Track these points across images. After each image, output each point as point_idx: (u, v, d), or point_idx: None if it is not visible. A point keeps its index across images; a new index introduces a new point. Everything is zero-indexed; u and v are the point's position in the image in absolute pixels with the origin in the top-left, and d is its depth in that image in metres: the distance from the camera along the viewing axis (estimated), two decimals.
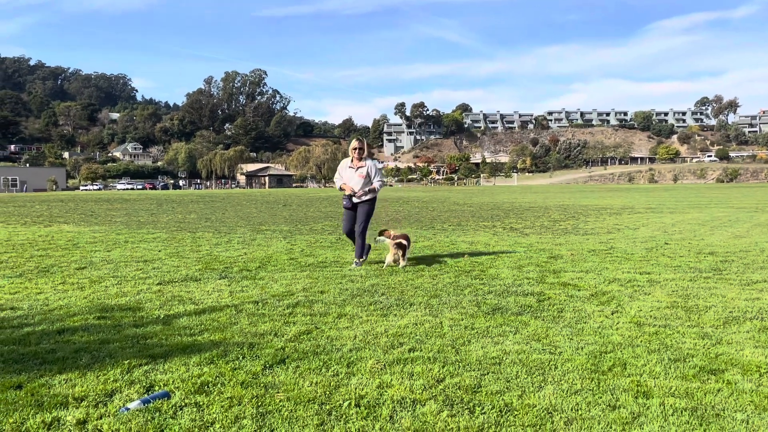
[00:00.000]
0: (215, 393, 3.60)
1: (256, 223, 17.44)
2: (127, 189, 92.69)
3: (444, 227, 16.08)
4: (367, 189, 8.72)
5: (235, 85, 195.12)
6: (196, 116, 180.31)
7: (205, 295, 6.50)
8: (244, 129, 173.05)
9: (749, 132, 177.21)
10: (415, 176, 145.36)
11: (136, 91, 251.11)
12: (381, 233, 9.00)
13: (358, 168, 8.73)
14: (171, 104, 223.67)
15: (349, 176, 8.76)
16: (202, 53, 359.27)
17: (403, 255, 8.50)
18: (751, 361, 4.21)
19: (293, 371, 4.00)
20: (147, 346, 4.56)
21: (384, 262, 8.59)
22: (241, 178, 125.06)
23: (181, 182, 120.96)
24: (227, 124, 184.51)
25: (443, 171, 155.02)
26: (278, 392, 3.61)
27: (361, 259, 8.70)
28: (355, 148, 8.79)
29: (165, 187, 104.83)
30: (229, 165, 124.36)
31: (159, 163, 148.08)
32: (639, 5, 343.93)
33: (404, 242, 8.51)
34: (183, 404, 3.43)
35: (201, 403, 3.45)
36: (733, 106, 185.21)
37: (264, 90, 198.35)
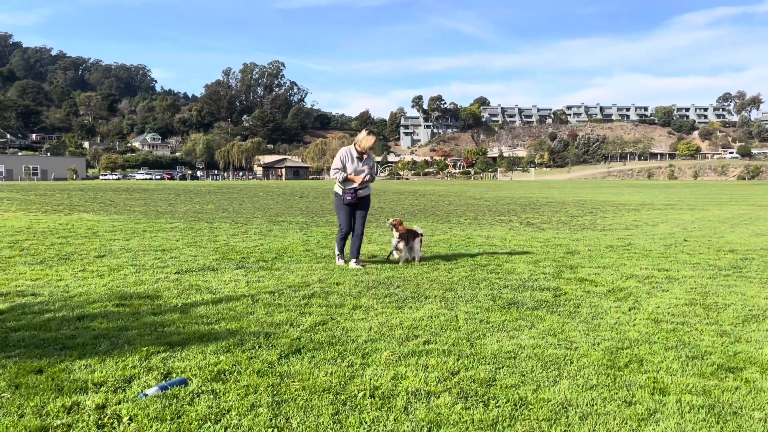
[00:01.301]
0: (232, 381, 3.64)
1: (272, 215, 17.53)
2: (146, 179, 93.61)
3: (460, 221, 16.04)
4: (368, 183, 8.16)
5: (254, 76, 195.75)
6: (215, 107, 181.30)
7: (222, 285, 6.55)
8: (262, 121, 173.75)
9: None
10: (431, 170, 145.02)
11: (156, 81, 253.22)
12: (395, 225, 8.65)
13: (365, 159, 8.11)
14: (190, 95, 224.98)
15: (356, 168, 8.05)
16: (221, 45, 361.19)
17: (402, 249, 8.20)
18: None
19: (308, 361, 4.02)
20: (165, 333, 4.62)
21: (397, 257, 8.39)
22: (258, 170, 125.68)
23: (198, 173, 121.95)
24: (245, 116, 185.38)
25: (460, 165, 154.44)
26: (294, 382, 3.64)
27: (358, 259, 8.15)
28: (370, 147, 8.11)
29: (183, 177, 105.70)
30: (246, 156, 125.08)
31: (177, 154, 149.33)
32: None
33: (407, 235, 8.22)
34: (200, 391, 3.48)
35: (218, 391, 3.48)
36: (756, 102, 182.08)
37: (282, 82, 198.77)
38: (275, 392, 3.47)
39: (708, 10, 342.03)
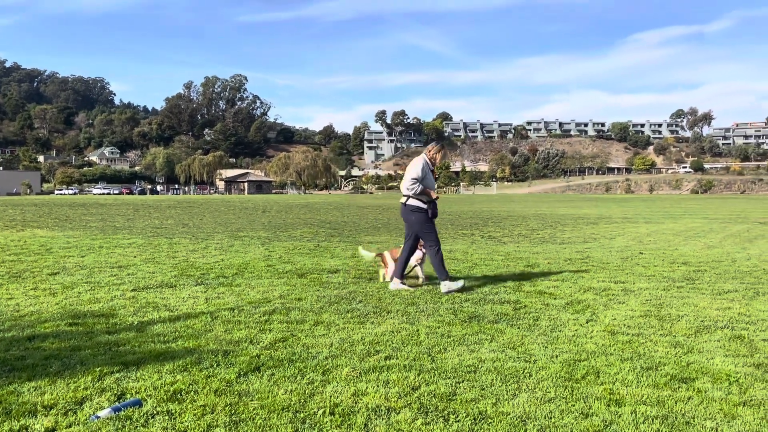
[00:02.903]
0: (188, 401, 3.56)
1: (234, 230, 17.32)
2: (103, 194, 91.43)
3: None
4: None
5: (215, 90, 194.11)
6: (175, 121, 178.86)
7: (180, 302, 6.43)
8: (224, 134, 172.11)
9: (723, 144, 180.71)
10: (395, 183, 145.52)
11: (114, 94, 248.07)
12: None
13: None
14: (150, 108, 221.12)
15: (433, 182, 7.49)
16: (182, 58, 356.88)
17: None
18: (722, 370, 4.28)
19: (268, 379, 3.97)
20: (119, 353, 4.50)
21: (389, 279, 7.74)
22: (220, 184, 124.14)
23: (158, 187, 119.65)
24: (206, 130, 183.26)
25: None
26: (252, 400, 3.58)
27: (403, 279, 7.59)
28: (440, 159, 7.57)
29: (142, 192, 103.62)
30: (207, 171, 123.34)
31: (136, 168, 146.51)
32: (618, 18, 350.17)
33: (386, 254, 8.03)
34: (155, 412, 3.39)
35: (173, 411, 3.40)
36: (707, 118, 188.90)
37: (244, 96, 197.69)
38: (233, 411, 3.41)
39: (662, 29, 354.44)
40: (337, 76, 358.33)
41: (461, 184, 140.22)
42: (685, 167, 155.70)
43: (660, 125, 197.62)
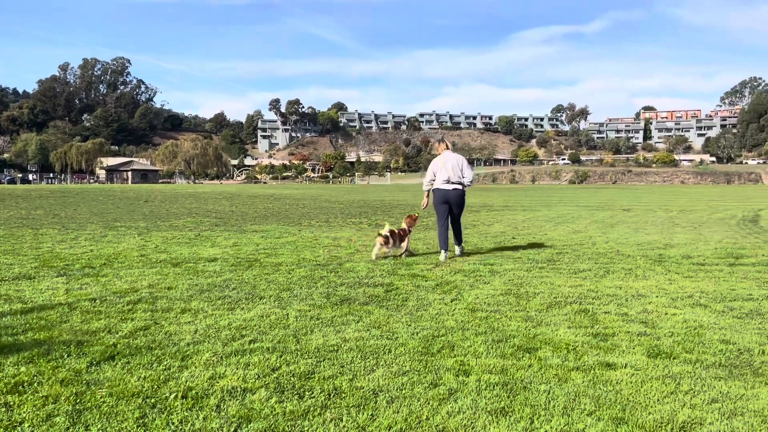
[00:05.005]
0: (30, 392, 3.40)
1: (110, 220, 16.43)
2: None
3: (311, 224, 16.12)
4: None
5: (95, 73, 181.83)
6: (50, 105, 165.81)
7: (37, 294, 6.05)
8: (105, 120, 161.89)
9: (597, 138, 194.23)
10: (290, 173, 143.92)
11: None
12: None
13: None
14: (21, 91, 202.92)
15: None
16: (58, 38, 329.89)
17: (386, 244, 8.81)
18: (563, 340, 4.68)
19: (122, 367, 3.86)
20: None
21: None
22: (101, 173, 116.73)
23: (30, 176, 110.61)
24: (85, 115, 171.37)
25: (318, 169, 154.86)
26: (101, 389, 3.47)
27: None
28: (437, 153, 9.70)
29: (11, 181, 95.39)
30: (86, 158, 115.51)
31: (5, 155, 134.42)
32: (504, 15, 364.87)
33: (385, 233, 8.87)
34: None
35: (11, 403, 3.24)
36: (584, 113, 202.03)
37: (128, 80, 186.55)
38: (78, 401, 3.30)
39: (543, 27, 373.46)
40: (228, 62, 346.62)
41: (356, 174, 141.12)
42: (564, 159, 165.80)
43: (542, 119, 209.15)
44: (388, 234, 8.91)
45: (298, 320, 5.15)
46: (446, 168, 9.18)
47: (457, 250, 9.43)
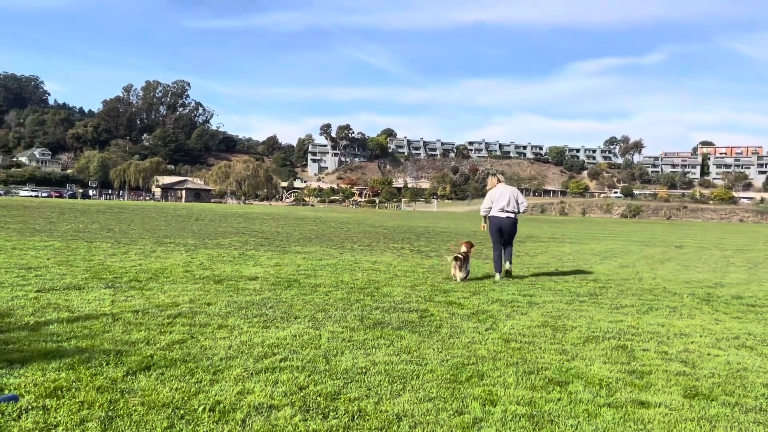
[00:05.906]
0: (67, 397, 3.54)
1: (160, 236, 16.96)
2: (31, 196, 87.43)
3: (353, 247, 16.24)
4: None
5: (156, 95, 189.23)
6: (113, 124, 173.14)
7: (84, 304, 6.30)
8: (163, 140, 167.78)
9: (652, 172, 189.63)
10: (337, 197, 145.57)
11: (49, 94, 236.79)
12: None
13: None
14: (86, 110, 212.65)
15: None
16: (122, 60, 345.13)
17: (461, 267, 9.48)
18: (596, 375, 4.57)
19: (156, 378, 3.98)
20: (6, 351, 4.40)
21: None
22: (157, 191, 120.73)
23: (91, 192, 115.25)
24: (145, 135, 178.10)
25: (366, 193, 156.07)
26: (134, 397, 3.59)
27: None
28: (491, 187, 10.73)
29: (73, 195, 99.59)
30: (144, 176, 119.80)
31: (69, 171, 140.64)
32: (558, 45, 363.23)
33: (460, 256, 9.59)
34: (30, 407, 3.36)
35: (49, 407, 3.38)
36: (638, 146, 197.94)
37: (186, 102, 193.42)
38: (111, 408, 3.42)
39: (597, 59, 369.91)
40: (283, 87, 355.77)
41: (402, 200, 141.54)
42: (616, 192, 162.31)
43: (594, 151, 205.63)
44: (462, 256, 9.60)
45: (329, 341, 5.20)
46: (503, 198, 10.21)
47: (507, 265, 10.34)
